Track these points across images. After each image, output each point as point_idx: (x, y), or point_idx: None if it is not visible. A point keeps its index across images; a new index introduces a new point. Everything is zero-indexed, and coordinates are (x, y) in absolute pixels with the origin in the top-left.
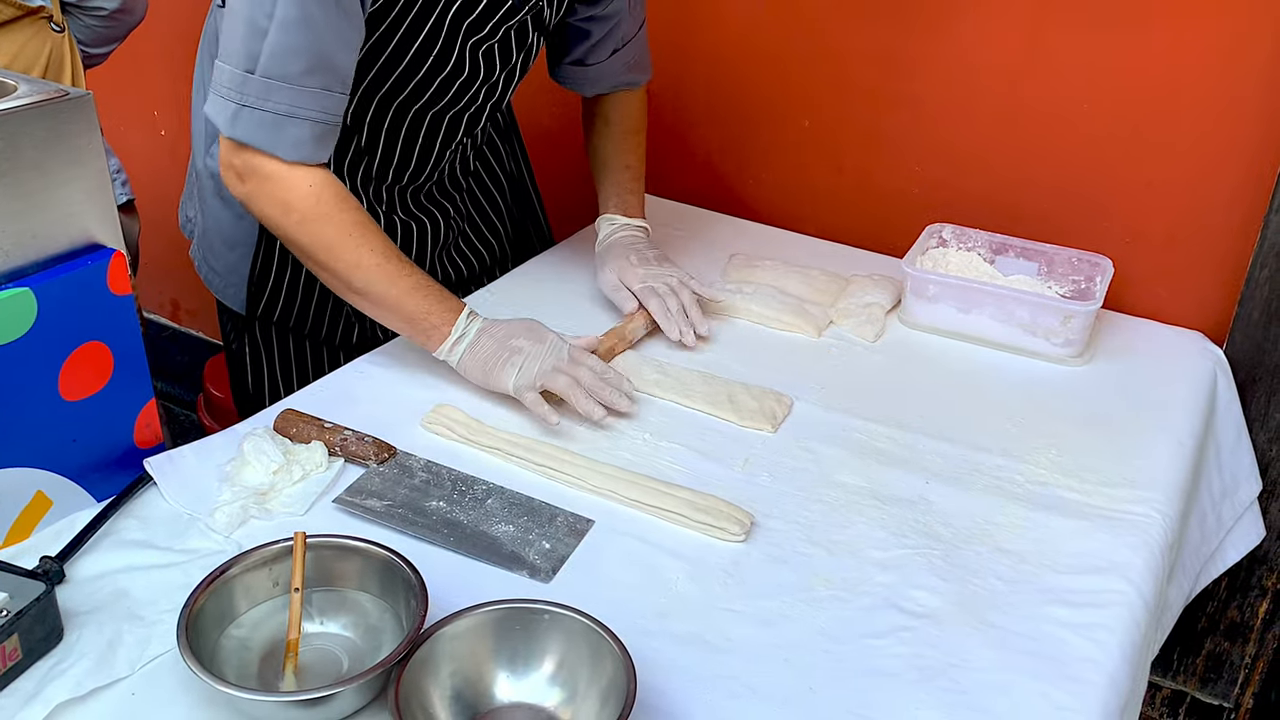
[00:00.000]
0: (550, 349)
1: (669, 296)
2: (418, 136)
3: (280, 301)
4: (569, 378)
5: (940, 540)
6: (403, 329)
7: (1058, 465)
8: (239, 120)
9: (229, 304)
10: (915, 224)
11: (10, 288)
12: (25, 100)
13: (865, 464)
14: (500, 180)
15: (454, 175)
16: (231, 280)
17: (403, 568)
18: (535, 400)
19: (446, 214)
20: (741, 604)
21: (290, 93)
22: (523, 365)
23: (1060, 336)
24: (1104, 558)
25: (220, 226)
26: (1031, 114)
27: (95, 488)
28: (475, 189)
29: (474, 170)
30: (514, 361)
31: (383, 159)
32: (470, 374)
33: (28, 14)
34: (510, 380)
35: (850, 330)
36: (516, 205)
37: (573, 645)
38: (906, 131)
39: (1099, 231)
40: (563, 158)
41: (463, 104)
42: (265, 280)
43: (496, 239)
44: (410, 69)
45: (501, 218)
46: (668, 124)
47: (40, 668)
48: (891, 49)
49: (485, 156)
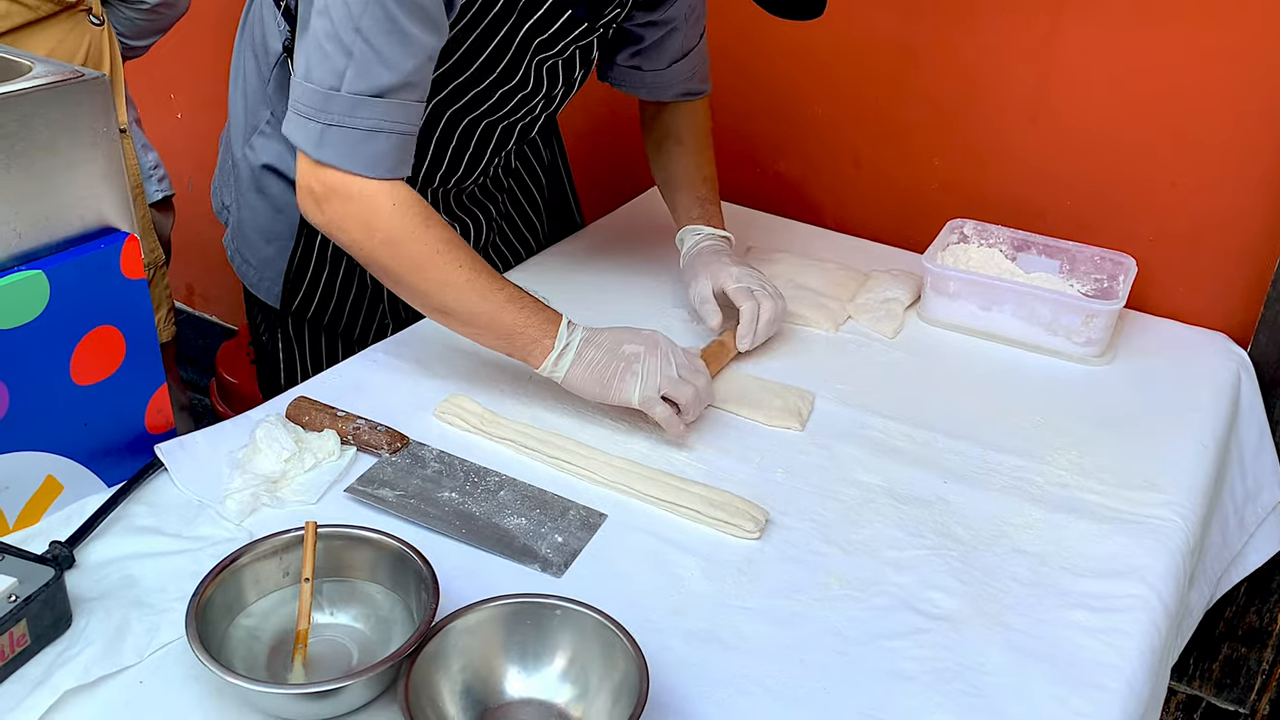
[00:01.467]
0: (665, 354)
1: (766, 300)
2: (470, 142)
3: (316, 298)
4: (693, 388)
5: (958, 541)
6: (499, 346)
7: (1078, 467)
8: (325, 140)
9: (262, 297)
10: (935, 219)
11: (23, 270)
12: (40, 81)
13: (882, 462)
14: (539, 175)
15: (497, 177)
16: (266, 274)
17: (414, 559)
18: (668, 415)
19: (489, 214)
20: (755, 602)
21: (378, 107)
22: (644, 374)
23: (1082, 336)
24: (1124, 561)
25: (257, 219)
26: (1055, 109)
27: (106, 472)
28: (515, 188)
29: (514, 169)
30: (634, 370)
31: (432, 162)
32: (582, 388)
33: (66, 9)
34: (635, 391)
35: (868, 326)
36: (553, 198)
37: (585, 642)
38: (926, 124)
39: (1122, 229)
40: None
41: (520, 115)
42: (302, 276)
43: (533, 234)
44: (473, 80)
45: (539, 213)
46: None
47: (48, 654)
48: (913, 39)
49: (525, 154)
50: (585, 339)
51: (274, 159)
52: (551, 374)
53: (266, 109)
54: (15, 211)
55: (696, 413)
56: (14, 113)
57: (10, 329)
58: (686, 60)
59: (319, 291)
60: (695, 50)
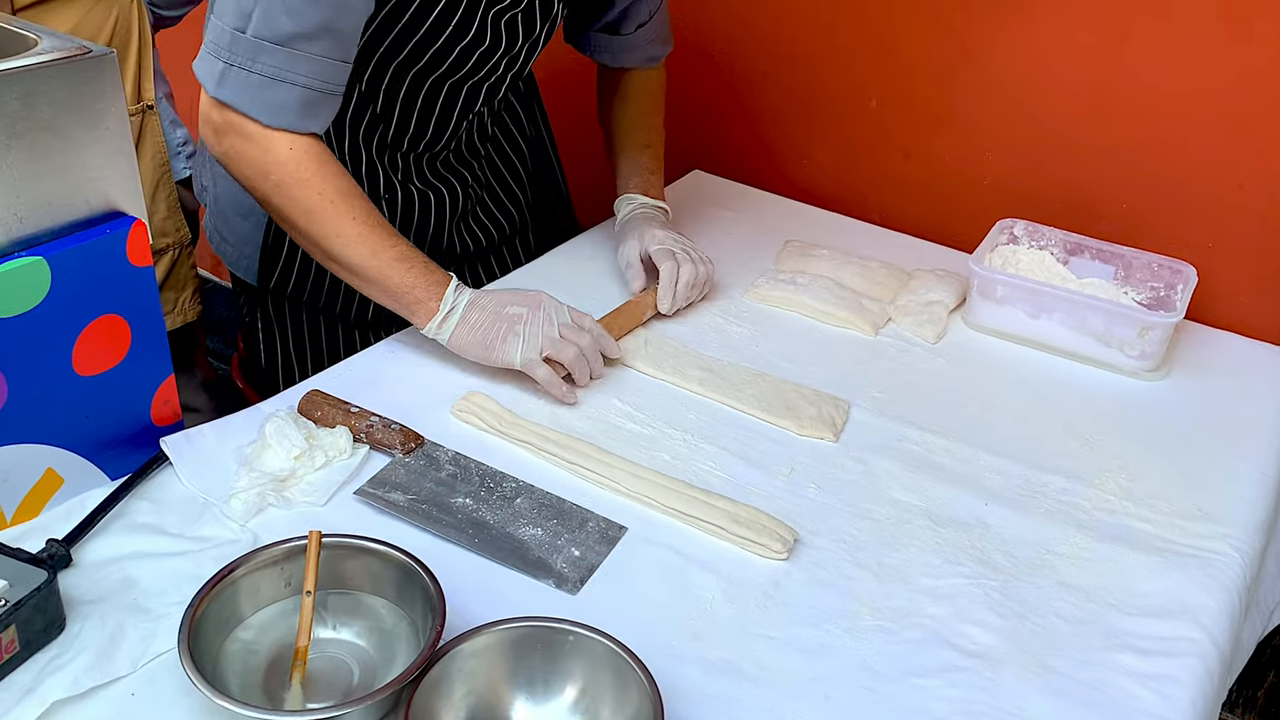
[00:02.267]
0: (548, 311)
1: (685, 264)
2: (435, 104)
3: (294, 274)
4: (575, 348)
5: (998, 570)
6: (387, 303)
7: (1128, 492)
8: (225, 79)
9: (242, 275)
10: (984, 217)
11: (22, 256)
12: (44, 57)
13: (920, 479)
14: (520, 146)
15: (472, 142)
16: (244, 251)
17: (421, 576)
18: (549, 376)
19: (465, 181)
20: (780, 630)
21: (281, 55)
22: (526, 335)
23: (1136, 349)
24: (1176, 599)
25: (232, 195)
26: (1117, 105)
27: (109, 465)
28: (494, 155)
29: (493, 136)
30: (516, 331)
31: (398, 127)
32: (467, 350)
33: None
34: (516, 353)
35: (909, 330)
36: (537, 171)
37: (597, 671)
38: (980, 117)
39: (1182, 235)
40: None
41: (483, 73)
42: (278, 252)
43: (516, 206)
44: (428, 37)
45: (522, 185)
46: (723, 92)
47: (39, 660)
48: (969, 27)
49: (504, 122)
50: (470, 300)
51: None
52: (436, 335)
53: None
54: (16, 194)
55: (585, 373)
56: (16, 90)
57: (9, 317)
58: (650, 25)
59: (296, 265)
60: (658, 14)
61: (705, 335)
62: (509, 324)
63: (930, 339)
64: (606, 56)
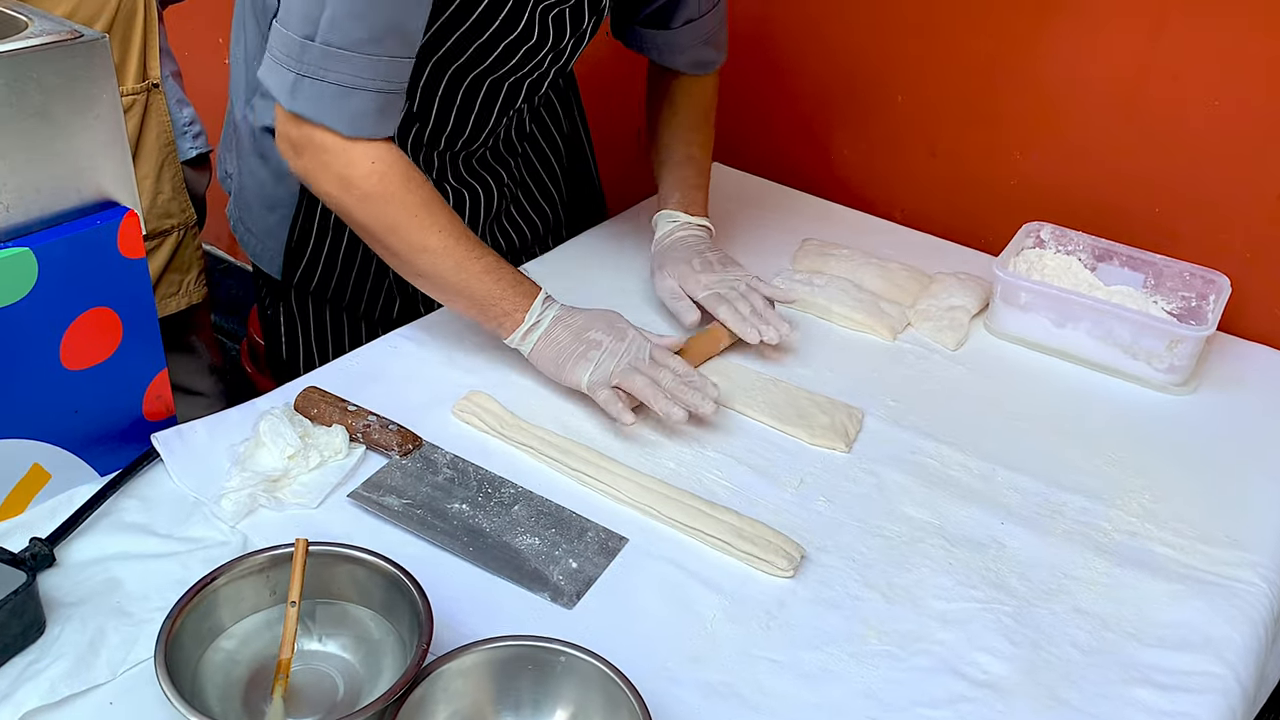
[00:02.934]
0: (631, 346)
1: (739, 301)
2: (475, 101)
3: (319, 271)
4: (647, 378)
5: (1012, 594)
6: (473, 314)
7: (1151, 514)
8: (298, 91)
9: (265, 268)
10: (1011, 218)
11: (9, 247)
12: (34, 41)
13: (934, 495)
14: (557, 143)
15: (509, 140)
16: (268, 244)
17: (410, 589)
18: (609, 397)
19: (500, 180)
20: (783, 653)
21: (353, 62)
22: (599, 360)
23: (1164, 362)
24: (1199, 631)
25: (259, 186)
26: (1152, 107)
27: (98, 461)
28: (531, 154)
29: (530, 134)
30: (590, 356)
31: (436, 124)
32: (542, 364)
33: None
34: (584, 375)
35: (929, 335)
36: (572, 169)
37: (588, 694)
38: (1011, 116)
39: (1216, 244)
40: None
41: (527, 69)
42: (304, 247)
43: (551, 206)
44: (473, 32)
45: (557, 183)
46: (743, 83)
47: (17, 664)
48: (1003, 23)
49: (542, 118)
50: (557, 316)
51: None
52: (519, 346)
53: None
54: (2, 183)
55: (660, 396)
56: (4, 74)
57: None
58: (701, 22)
59: (321, 263)
60: (712, 13)
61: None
62: (586, 347)
63: (950, 346)
64: (654, 52)
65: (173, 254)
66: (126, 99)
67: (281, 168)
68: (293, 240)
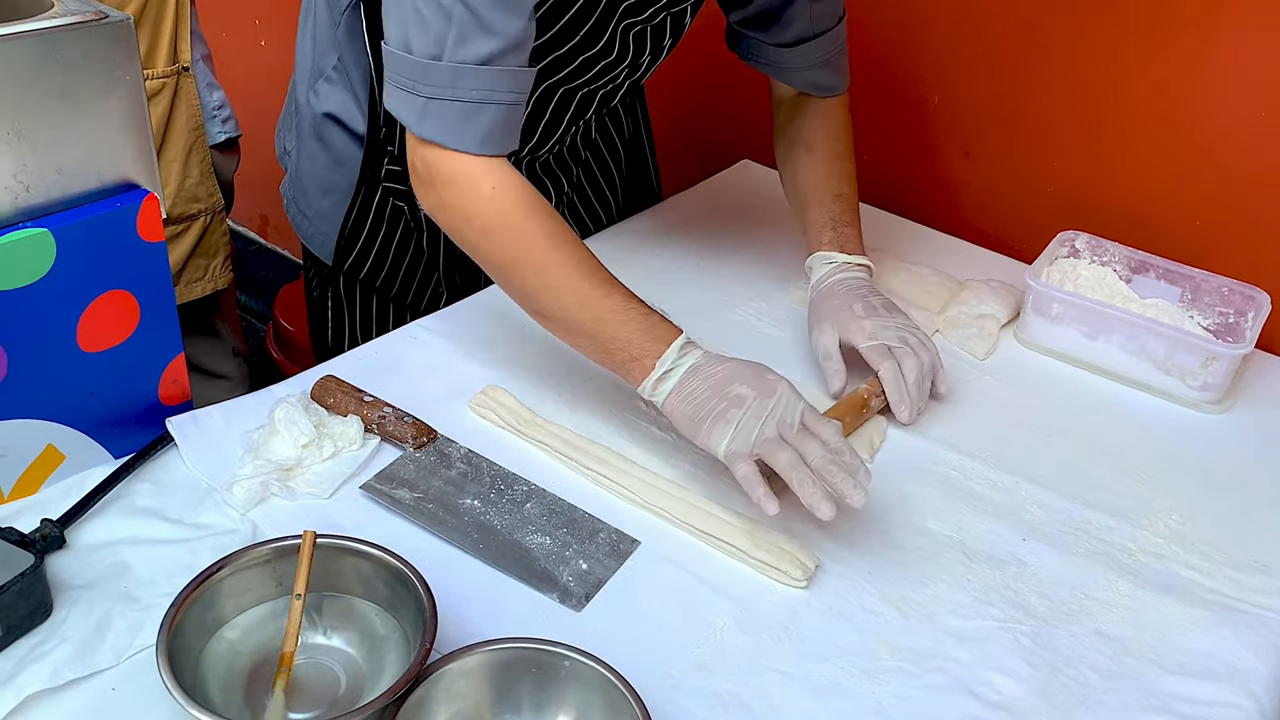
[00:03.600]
0: (779, 406)
1: (907, 358)
2: (546, 109)
3: (370, 260)
4: (794, 454)
5: (1031, 614)
6: (602, 361)
7: (1178, 536)
8: (428, 114)
9: (316, 252)
10: (1045, 227)
11: (26, 227)
12: (57, 21)
13: (955, 508)
14: (618, 149)
15: (574, 146)
16: (321, 228)
17: (416, 586)
18: (748, 476)
19: (560, 186)
20: (793, 665)
21: (483, 76)
22: (741, 423)
23: (1198, 379)
24: (1223, 660)
25: (316, 170)
26: (1196, 116)
27: (113, 444)
28: (592, 160)
29: (594, 140)
30: (731, 417)
31: None
32: (678, 421)
33: None
34: (723, 442)
35: (957, 344)
36: (631, 173)
37: (590, 700)
38: (1049, 120)
39: (1257, 259)
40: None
41: (601, 83)
42: (357, 236)
43: (605, 209)
44: (553, 44)
45: (614, 187)
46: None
47: (22, 646)
48: (1044, 22)
49: (606, 125)
50: (695, 366)
51: (337, 108)
52: (652, 398)
53: (335, 53)
54: (22, 163)
55: (813, 482)
56: (26, 54)
57: (11, 290)
58: (816, 43)
59: (373, 253)
60: (829, 34)
61: (737, 337)
62: (727, 405)
63: (979, 355)
64: (769, 68)
65: (199, 239)
66: (156, 82)
67: (340, 154)
68: (346, 228)
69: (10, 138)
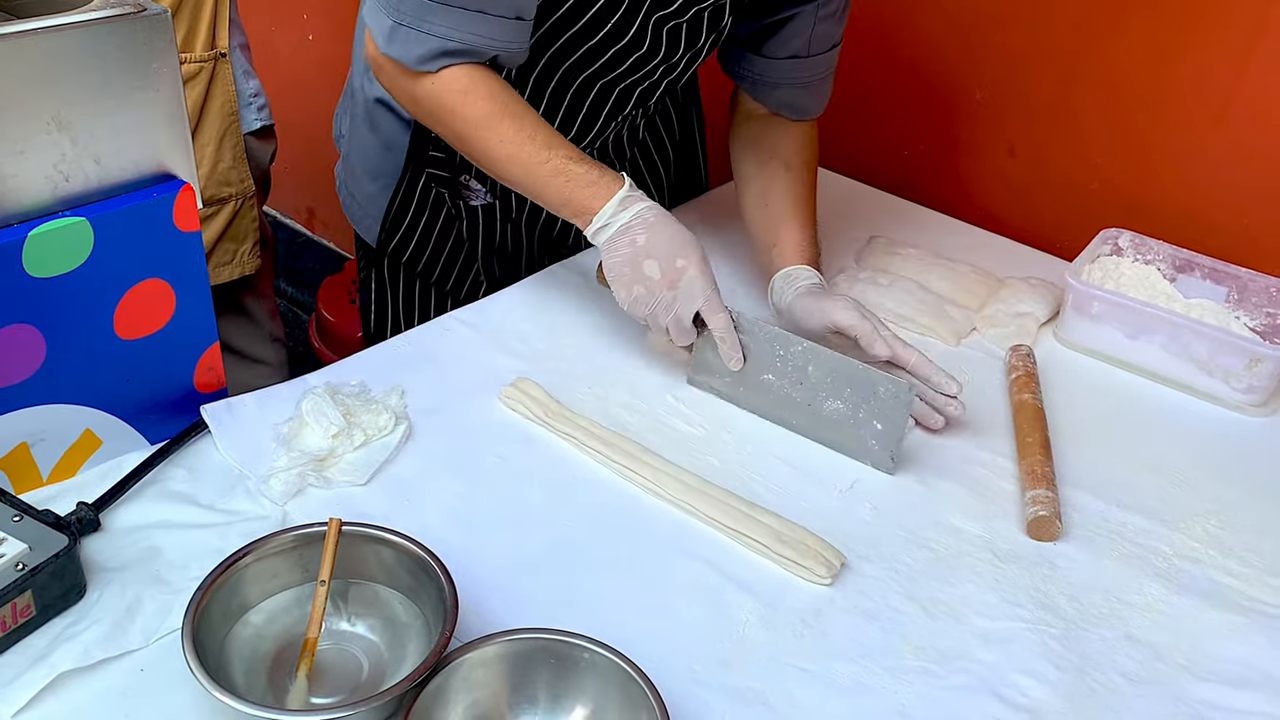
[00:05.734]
0: (679, 297)
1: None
2: (583, 104)
3: (412, 244)
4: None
5: (1060, 616)
6: (564, 216)
7: (1216, 540)
8: (394, 38)
9: (363, 235)
10: (1089, 224)
11: (65, 216)
12: (95, 15)
13: (986, 508)
14: (668, 152)
15: (619, 145)
16: (369, 211)
17: (438, 573)
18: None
19: None
20: (816, 662)
21: (450, 16)
22: (638, 297)
23: (1242, 381)
24: (1259, 669)
25: (365, 154)
26: (1244, 115)
27: (149, 430)
28: (640, 160)
29: (642, 140)
30: (635, 292)
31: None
32: (605, 268)
33: None
34: (624, 305)
35: (994, 342)
36: (679, 178)
37: (607, 692)
38: (1096, 116)
39: None
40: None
41: (636, 77)
42: (401, 219)
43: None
44: (583, 34)
45: (661, 190)
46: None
47: (56, 625)
48: (1091, 16)
49: (656, 127)
50: (626, 226)
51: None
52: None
53: None
54: (62, 154)
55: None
56: (66, 47)
57: (50, 277)
58: (808, 62)
59: (415, 239)
60: (821, 57)
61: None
62: (633, 278)
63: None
64: (748, 81)
65: (229, 223)
66: (193, 65)
67: (390, 140)
68: (391, 211)
69: (50, 128)
